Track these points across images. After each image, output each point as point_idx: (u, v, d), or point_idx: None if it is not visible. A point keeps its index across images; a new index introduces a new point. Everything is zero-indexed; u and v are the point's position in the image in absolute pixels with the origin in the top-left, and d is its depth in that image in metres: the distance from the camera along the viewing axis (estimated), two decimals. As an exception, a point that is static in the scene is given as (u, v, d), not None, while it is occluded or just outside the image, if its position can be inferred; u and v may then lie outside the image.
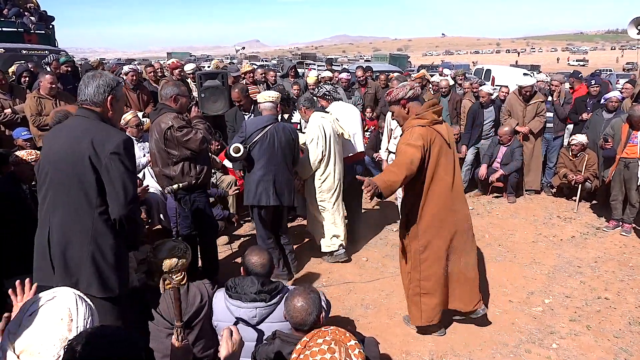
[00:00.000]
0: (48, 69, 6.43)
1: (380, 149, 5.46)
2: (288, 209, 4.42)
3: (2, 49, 8.56)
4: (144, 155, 4.92)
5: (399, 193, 4.09)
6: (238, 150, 3.82)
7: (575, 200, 6.22)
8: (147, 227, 4.51)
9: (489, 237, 5.37)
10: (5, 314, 1.60)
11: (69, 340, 1.30)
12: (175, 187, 3.46)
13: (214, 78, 6.49)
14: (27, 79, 6.28)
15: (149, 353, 1.44)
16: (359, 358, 1.50)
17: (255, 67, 8.50)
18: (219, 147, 5.82)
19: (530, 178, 6.79)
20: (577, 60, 64.62)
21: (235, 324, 2.42)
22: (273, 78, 7.81)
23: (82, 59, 14.08)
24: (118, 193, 2.17)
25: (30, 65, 6.68)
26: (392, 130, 5.05)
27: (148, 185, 4.09)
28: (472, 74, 18.84)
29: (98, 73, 2.32)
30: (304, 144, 4.49)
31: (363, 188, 2.84)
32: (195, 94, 6.26)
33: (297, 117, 5.24)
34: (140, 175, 4.86)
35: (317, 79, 7.68)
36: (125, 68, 6.90)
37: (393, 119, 4.17)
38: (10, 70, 6.34)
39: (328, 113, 4.61)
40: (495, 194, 6.79)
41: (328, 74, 8.42)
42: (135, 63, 11.47)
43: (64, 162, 2.18)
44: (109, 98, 2.27)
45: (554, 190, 6.79)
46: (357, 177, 3.11)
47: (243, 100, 5.59)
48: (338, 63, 31.80)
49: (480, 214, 6.11)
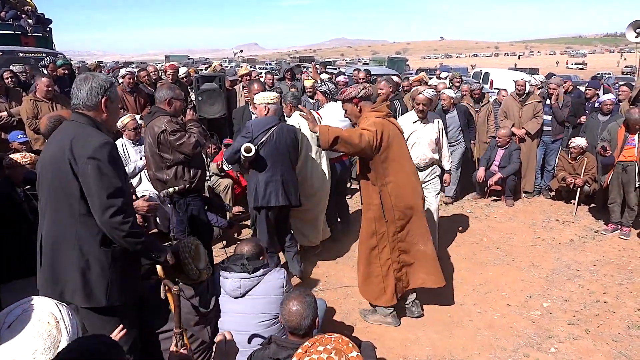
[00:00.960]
0: (45, 72, 6.40)
1: None
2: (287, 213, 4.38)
3: None
4: (141, 159, 4.90)
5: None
6: (250, 150, 3.78)
7: (574, 204, 6.21)
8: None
9: (487, 240, 5.35)
10: None
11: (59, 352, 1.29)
12: (171, 190, 3.43)
13: (211, 81, 6.49)
14: (9, 80, 6.22)
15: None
16: None
17: (251, 68, 8.49)
18: (216, 150, 5.79)
19: (525, 180, 6.78)
20: (575, 64, 64.71)
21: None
22: (270, 81, 7.79)
23: (79, 62, 14.07)
24: (94, 202, 2.06)
25: (13, 67, 6.61)
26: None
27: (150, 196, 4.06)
28: (470, 77, 18.87)
29: (90, 75, 2.26)
30: None
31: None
32: (192, 97, 6.25)
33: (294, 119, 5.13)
34: (137, 179, 4.84)
35: (314, 82, 7.67)
36: (122, 71, 6.87)
37: (346, 117, 3.63)
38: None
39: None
40: (494, 197, 6.77)
41: (325, 77, 8.41)
42: (133, 66, 11.44)
43: (50, 167, 2.13)
44: (103, 100, 2.20)
45: (553, 194, 6.78)
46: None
47: None
48: (335, 66, 31.82)
49: (479, 217, 6.09)
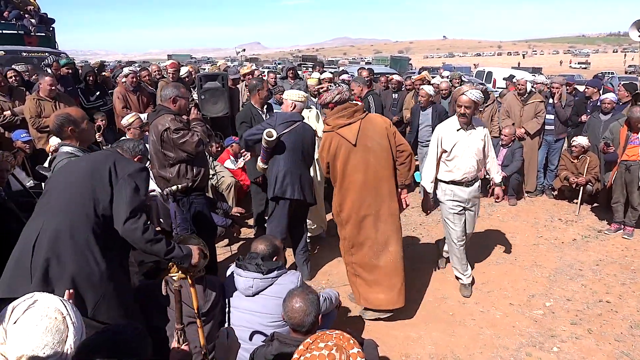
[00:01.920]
0: (49, 71, 6.42)
1: (423, 176, 4.06)
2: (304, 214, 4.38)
3: (2, 51, 8.57)
4: (144, 157, 4.91)
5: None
6: (271, 135, 3.78)
7: (577, 203, 6.20)
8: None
9: (490, 239, 5.34)
10: None
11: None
12: (174, 188, 3.44)
13: (214, 80, 6.50)
14: (12, 79, 6.26)
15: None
16: None
17: (255, 67, 8.49)
18: (219, 149, 5.80)
19: (526, 179, 6.77)
20: (579, 63, 64.58)
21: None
22: (273, 80, 7.81)
23: (82, 62, 14.10)
24: (120, 211, 2.18)
25: (16, 66, 6.65)
26: (445, 152, 3.84)
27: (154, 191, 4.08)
28: (473, 76, 18.84)
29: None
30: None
31: None
32: (195, 96, 6.26)
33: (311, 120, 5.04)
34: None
35: (318, 81, 7.68)
36: (125, 70, 6.91)
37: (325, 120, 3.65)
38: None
39: (311, 109, 4.64)
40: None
41: (328, 75, 8.42)
42: (136, 65, 11.46)
43: (82, 172, 2.27)
44: (138, 158, 2.87)
45: (555, 193, 6.76)
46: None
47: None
48: (336, 65, 31.82)
49: (481, 217, 6.08)
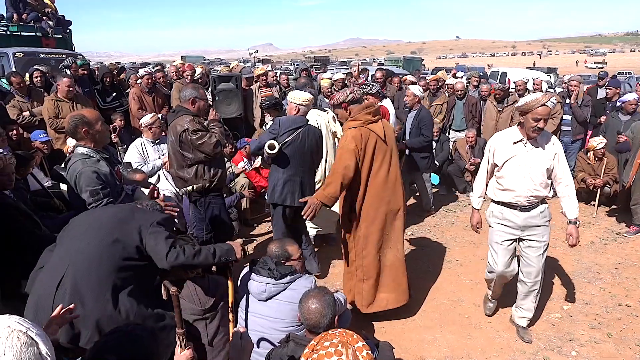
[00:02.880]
0: (68, 72, 6.53)
1: (473, 192, 3.54)
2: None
3: (21, 53, 8.72)
4: (159, 157, 4.96)
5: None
6: (273, 147, 3.80)
7: (594, 205, 6.10)
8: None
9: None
10: None
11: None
12: (190, 188, 3.47)
13: (228, 81, 6.54)
14: (38, 79, 6.39)
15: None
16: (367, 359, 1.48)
17: (269, 69, 8.53)
18: (233, 150, 5.83)
19: None
20: (595, 63, 63.64)
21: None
22: (285, 81, 7.84)
23: (98, 63, 14.29)
24: (160, 253, 2.23)
25: (42, 67, 6.80)
26: (496, 167, 3.29)
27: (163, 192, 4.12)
28: (487, 77, 18.68)
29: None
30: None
31: (304, 212, 3.24)
32: (209, 97, 6.31)
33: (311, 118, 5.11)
34: (155, 178, 4.89)
35: (331, 82, 7.69)
36: (141, 71, 6.98)
37: (338, 119, 3.75)
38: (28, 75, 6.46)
39: (325, 111, 4.69)
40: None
41: (341, 76, 8.42)
42: (150, 67, 11.58)
43: (109, 218, 2.29)
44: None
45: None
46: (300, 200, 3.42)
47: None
48: (349, 66, 31.78)
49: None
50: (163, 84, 7.31)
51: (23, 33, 9.95)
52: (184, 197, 3.68)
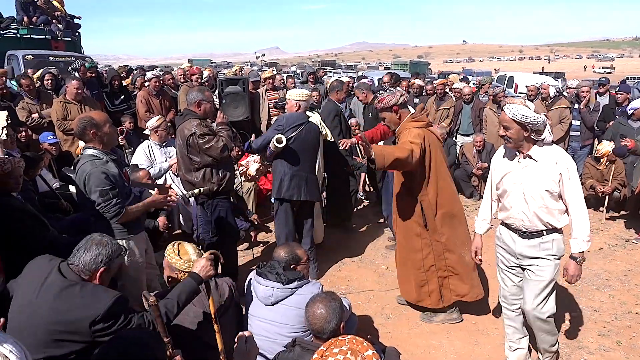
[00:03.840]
0: (76, 75, 6.57)
1: (478, 214, 3.16)
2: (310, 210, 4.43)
3: (30, 56, 8.80)
4: (166, 160, 4.97)
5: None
6: (280, 141, 3.87)
7: (603, 211, 6.04)
8: (166, 231, 4.54)
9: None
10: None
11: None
12: (197, 191, 3.46)
13: (235, 84, 6.55)
14: (49, 82, 6.45)
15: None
16: None
17: (276, 72, 8.56)
18: (240, 152, 5.83)
19: None
20: (603, 68, 63.28)
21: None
22: (292, 85, 7.86)
23: (106, 66, 14.39)
24: None
25: (53, 70, 6.87)
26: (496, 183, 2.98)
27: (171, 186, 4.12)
28: (494, 81, 18.62)
29: (104, 241, 2.18)
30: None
31: (357, 140, 3.12)
32: (216, 100, 6.33)
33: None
34: (162, 180, 4.91)
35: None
36: (149, 74, 7.03)
37: (385, 123, 3.53)
38: (35, 76, 6.51)
39: (314, 113, 4.77)
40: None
41: (346, 79, 8.43)
42: (157, 70, 11.72)
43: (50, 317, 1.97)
44: (101, 270, 2.14)
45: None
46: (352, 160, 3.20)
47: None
48: (355, 70, 31.84)
49: (503, 223, 5.97)
50: (171, 87, 7.36)
51: (33, 36, 10.06)
52: (191, 199, 3.68)
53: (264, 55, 30.61)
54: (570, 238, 2.68)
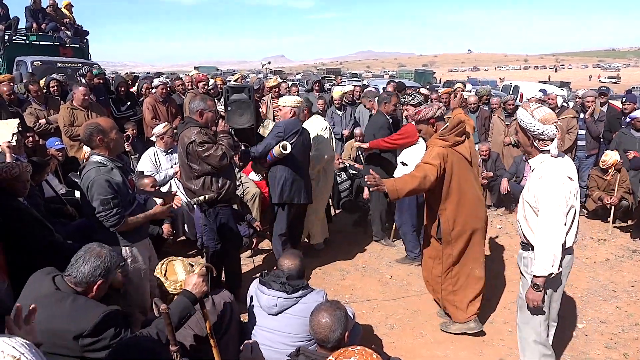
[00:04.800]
0: (83, 81, 6.63)
1: None
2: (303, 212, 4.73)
3: (38, 62, 8.90)
4: (171, 167, 4.99)
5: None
6: (286, 148, 4.00)
7: (609, 222, 5.98)
8: (171, 237, 4.54)
9: (518, 257, 5.19)
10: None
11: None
12: (201, 199, 3.46)
13: (241, 92, 6.57)
14: (54, 88, 6.50)
15: None
16: None
17: (281, 81, 8.62)
18: (242, 163, 5.83)
19: None
20: (608, 78, 63.10)
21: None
22: (296, 93, 7.90)
23: (113, 72, 14.51)
24: None
25: (57, 76, 6.93)
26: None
27: (176, 192, 4.13)
28: (499, 90, 18.62)
29: (103, 252, 2.17)
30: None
31: (367, 178, 3.09)
32: (220, 108, 6.35)
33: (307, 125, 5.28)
34: (167, 187, 4.92)
35: (342, 93, 7.72)
36: (156, 81, 7.06)
37: (421, 135, 3.77)
38: (41, 83, 6.58)
39: (318, 118, 4.94)
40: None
41: (350, 88, 8.46)
42: (164, 77, 11.82)
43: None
44: (99, 282, 2.11)
45: (587, 213, 6.48)
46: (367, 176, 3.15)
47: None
48: (360, 79, 31.95)
49: (509, 234, 5.94)
50: (181, 92, 7.41)
51: (42, 42, 10.17)
52: (195, 207, 3.68)
53: (270, 63, 30.84)
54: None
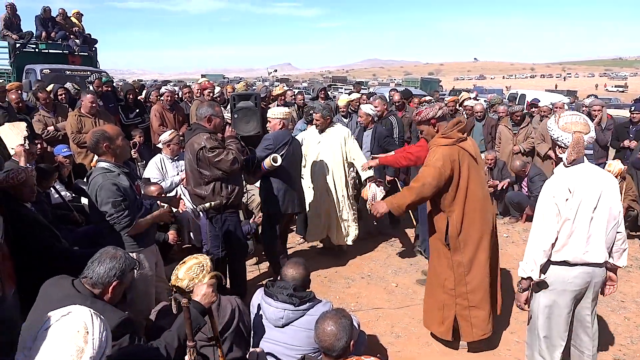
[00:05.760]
0: (91, 89, 6.70)
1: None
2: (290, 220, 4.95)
3: (47, 70, 9.01)
4: (177, 174, 5.00)
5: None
6: (276, 160, 4.05)
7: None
8: (177, 244, 4.54)
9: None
10: None
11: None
12: (207, 205, 3.47)
13: (247, 99, 6.60)
14: (62, 96, 6.58)
15: None
16: None
17: (287, 89, 8.66)
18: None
19: None
20: (616, 86, 62.80)
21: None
22: (302, 101, 7.96)
23: (121, 80, 14.68)
24: None
25: (70, 85, 7.01)
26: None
27: (182, 198, 4.14)
28: (505, 99, 18.59)
29: (118, 254, 2.18)
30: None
31: (373, 211, 3.17)
32: (227, 115, 6.39)
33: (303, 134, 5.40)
34: (173, 194, 4.93)
35: (347, 101, 7.71)
36: (163, 89, 7.13)
37: (422, 136, 3.50)
38: (48, 89, 6.64)
39: (336, 125, 5.07)
40: (531, 222, 6.54)
41: (356, 96, 8.45)
42: (171, 84, 11.97)
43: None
44: (114, 283, 2.13)
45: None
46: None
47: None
48: (366, 87, 31.97)
49: (516, 242, 5.90)
50: (189, 100, 7.48)
51: (51, 50, 10.31)
52: (201, 213, 3.69)
53: (276, 71, 31.00)
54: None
